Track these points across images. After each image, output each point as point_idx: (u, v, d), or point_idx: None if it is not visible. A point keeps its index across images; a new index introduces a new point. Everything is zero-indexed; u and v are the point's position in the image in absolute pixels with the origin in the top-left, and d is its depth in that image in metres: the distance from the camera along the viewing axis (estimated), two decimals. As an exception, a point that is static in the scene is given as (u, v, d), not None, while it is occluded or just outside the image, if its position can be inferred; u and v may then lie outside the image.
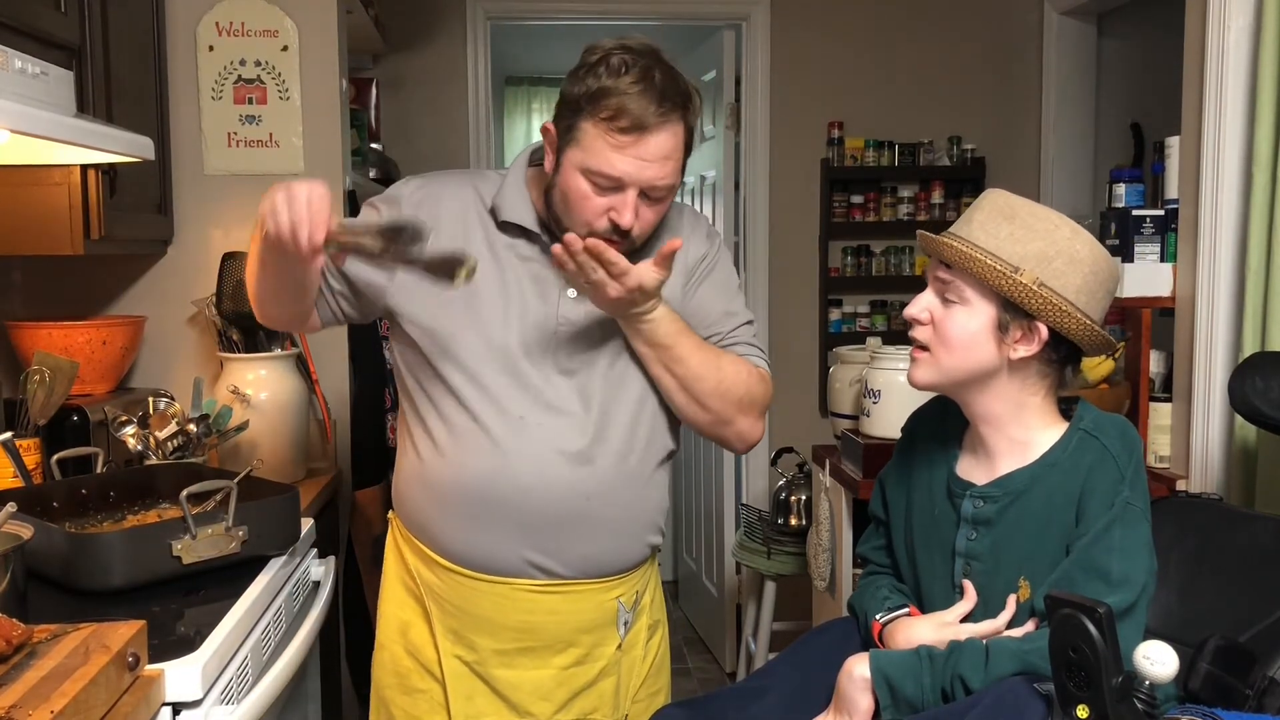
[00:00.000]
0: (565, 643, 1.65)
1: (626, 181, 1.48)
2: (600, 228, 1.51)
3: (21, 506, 1.51)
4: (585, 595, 1.64)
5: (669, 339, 1.55)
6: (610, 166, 1.47)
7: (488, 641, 1.64)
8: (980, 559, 1.48)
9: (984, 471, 1.51)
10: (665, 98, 1.47)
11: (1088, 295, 1.42)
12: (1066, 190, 3.93)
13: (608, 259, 1.44)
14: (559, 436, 1.57)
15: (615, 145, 1.47)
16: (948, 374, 1.47)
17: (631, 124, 1.45)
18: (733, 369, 1.61)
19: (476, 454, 1.57)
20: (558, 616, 1.63)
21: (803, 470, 3.29)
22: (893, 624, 1.52)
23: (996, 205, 1.45)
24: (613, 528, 1.62)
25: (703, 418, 1.62)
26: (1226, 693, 1.36)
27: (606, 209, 1.50)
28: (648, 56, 1.49)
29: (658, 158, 1.48)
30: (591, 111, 1.47)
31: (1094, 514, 1.40)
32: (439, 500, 1.62)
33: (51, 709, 1.10)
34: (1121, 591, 1.35)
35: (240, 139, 2.58)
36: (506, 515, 1.58)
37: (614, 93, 1.45)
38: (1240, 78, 2.10)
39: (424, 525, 1.66)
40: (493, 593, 1.62)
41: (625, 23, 4.29)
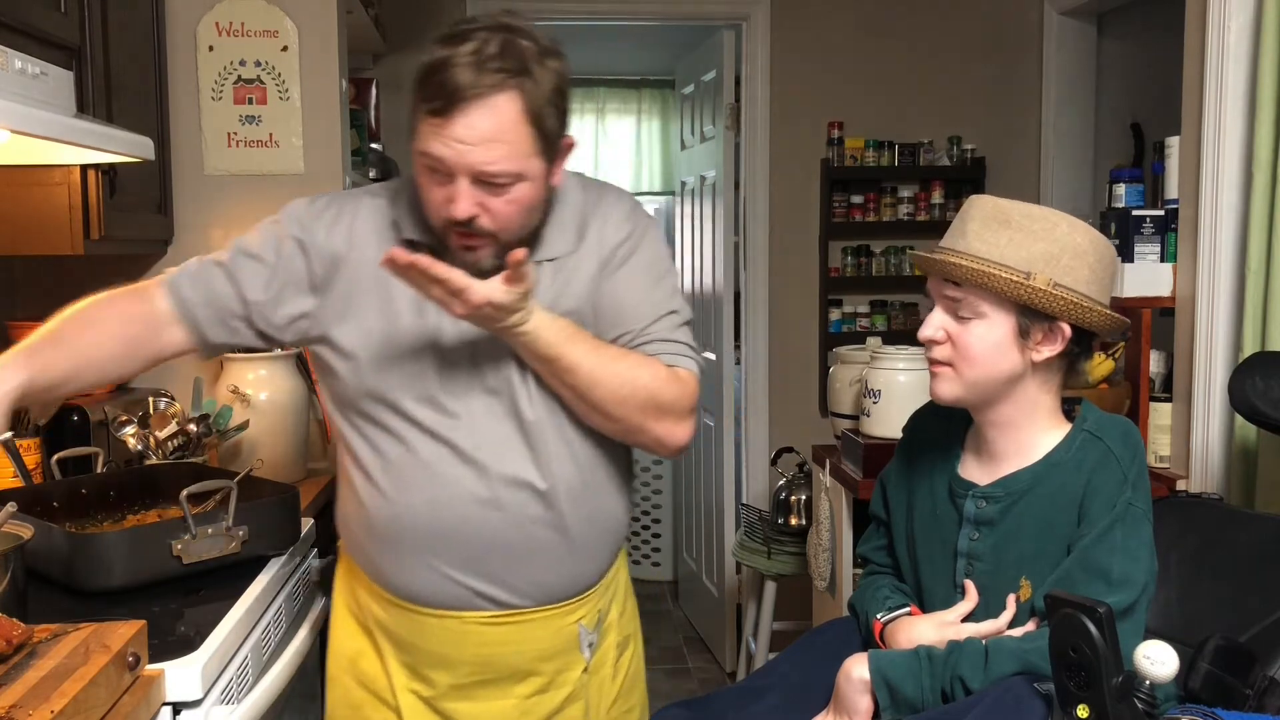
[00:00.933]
0: (525, 672, 1.55)
1: (450, 168, 1.34)
2: (444, 218, 1.38)
3: (21, 506, 1.51)
4: (542, 622, 1.53)
5: (552, 349, 1.40)
6: (432, 151, 1.34)
7: (444, 676, 1.54)
8: (982, 559, 1.48)
9: (986, 472, 1.51)
10: (485, 70, 1.31)
11: (1097, 284, 1.43)
12: (1066, 190, 3.93)
13: (435, 275, 1.29)
14: (495, 460, 1.46)
15: (433, 127, 1.33)
16: (974, 387, 1.45)
17: (443, 103, 1.31)
18: (632, 373, 1.44)
19: (411, 487, 1.47)
20: (514, 647, 1.53)
21: (803, 470, 3.29)
22: (894, 624, 1.51)
23: (988, 212, 1.43)
24: (564, 550, 1.51)
25: (609, 427, 1.48)
26: (1227, 693, 1.36)
27: (446, 200, 1.37)
28: (492, 29, 1.35)
29: (475, 140, 1.32)
30: (418, 91, 1.35)
31: (1096, 514, 1.40)
32: (379, 536, 1.52)
33: (51, 709, 1.10)
34: (1122, 592, 1.35)
35: (240, 139, 2.58)
36: (448, 548, 1.48)
37: (438, 68, 1.32)
38: (1240, 78, 2.10)
39: (367, 560, 1.57)
40: (443, 628, 1.52)
41: (625, 23, 4.30)
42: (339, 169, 2.64)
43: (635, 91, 5.42)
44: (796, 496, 3.25)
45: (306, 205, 1.54)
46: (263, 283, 1.51)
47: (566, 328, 1.42)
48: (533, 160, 1.38)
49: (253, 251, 1.53)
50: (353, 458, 1.53)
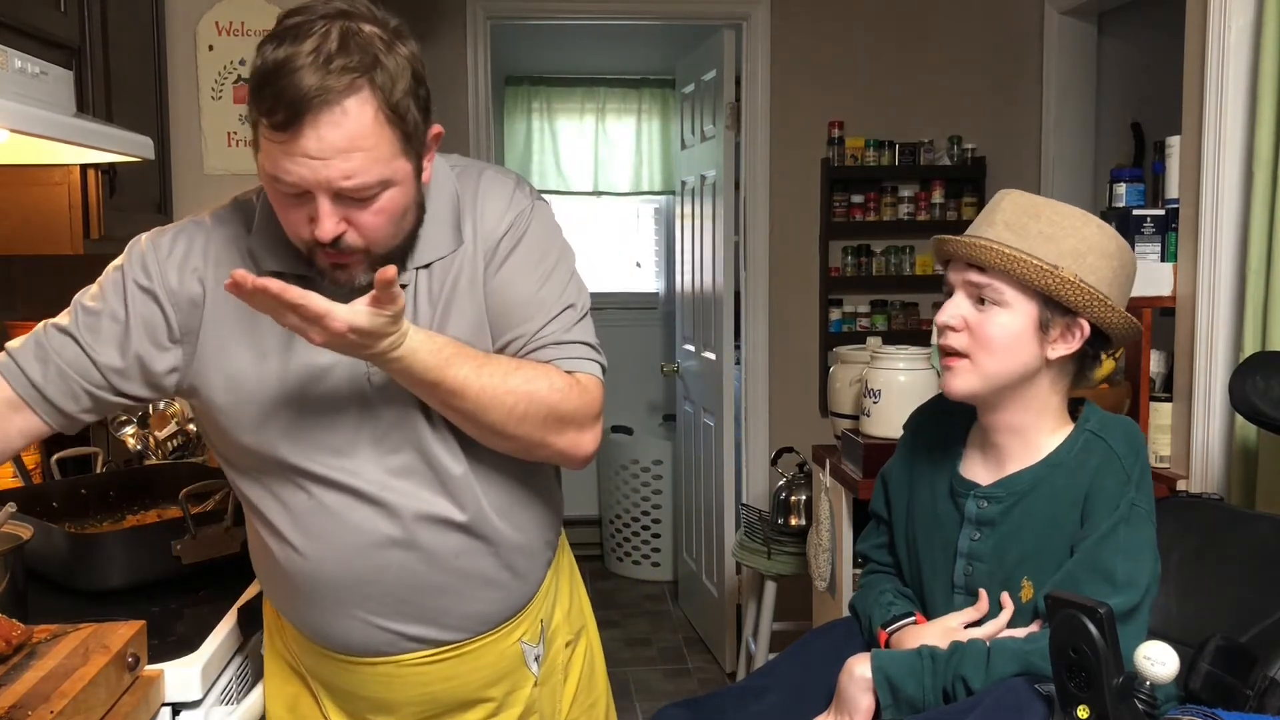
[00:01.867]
0: (473, 701, 1.45)
1: (306, 187, 1.17)
2: (309, 240, 1.21)
3: (21, 506, 1.51)
4: (481, 651, 1.43)
5: (433, 374, 1.24)
6: (283, 171, 1.16)
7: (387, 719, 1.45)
8: (983, 559, 1.48)
9: (989, 471, 1.51)
10: (328, 71, 1.13)
11: (1119, 287, 1.44)
12: (1066, 190, 3.93)
13: (289, 301, 1.11)
14: (404, 498, 1.33)
15: (279, 145, 1.15)
16: (990, 380, 1.44)
17: (285, 116, 1.13)
18: (528, 387, 1.29)
19: (320, 538, 1.34)
20: (457, 680, 1.43)
21: (803, 470, 3.29)
22: (899, 634, 1.51)
23: (1019, 205, 1.44)
24: (494, 575, 1.40)
25: (506, 446, 1.33)
26: (1227, 693, 1.36)
27: (308, 220, 1.20)
28: (332, 17, 1.17)
29: (332, 152, 1.14)
30: (255, 103, 1.16)
31: (1100, 515, 1.40)
32: (296, 590, 1.38)
33: (51, 709, 1.10)
34: (1126, 593, 1.35)
35: (240, 139, 2.58)
36: (370, 596, 1.35)
37: (272, 75, 1.13)
38: (1240, 78, 2.10)
39: (291, 611, 1.44)
40: (379, 674, 1.40)
41: (625, 22, 4.30)
42: (339, 169, 2.63)
43: (635, 91, 5.42)
44: (796, 496, 3.24)
45: (150, 246, 1.34)
46: (116, 344, 1.31)
47: (446, 347, 1.25)
48: (397, 162, 1.20)
49: (97, 309, 1.33)
50: (255, 512, 1.38)
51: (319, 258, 1.24)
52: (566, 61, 5.26)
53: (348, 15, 1.18)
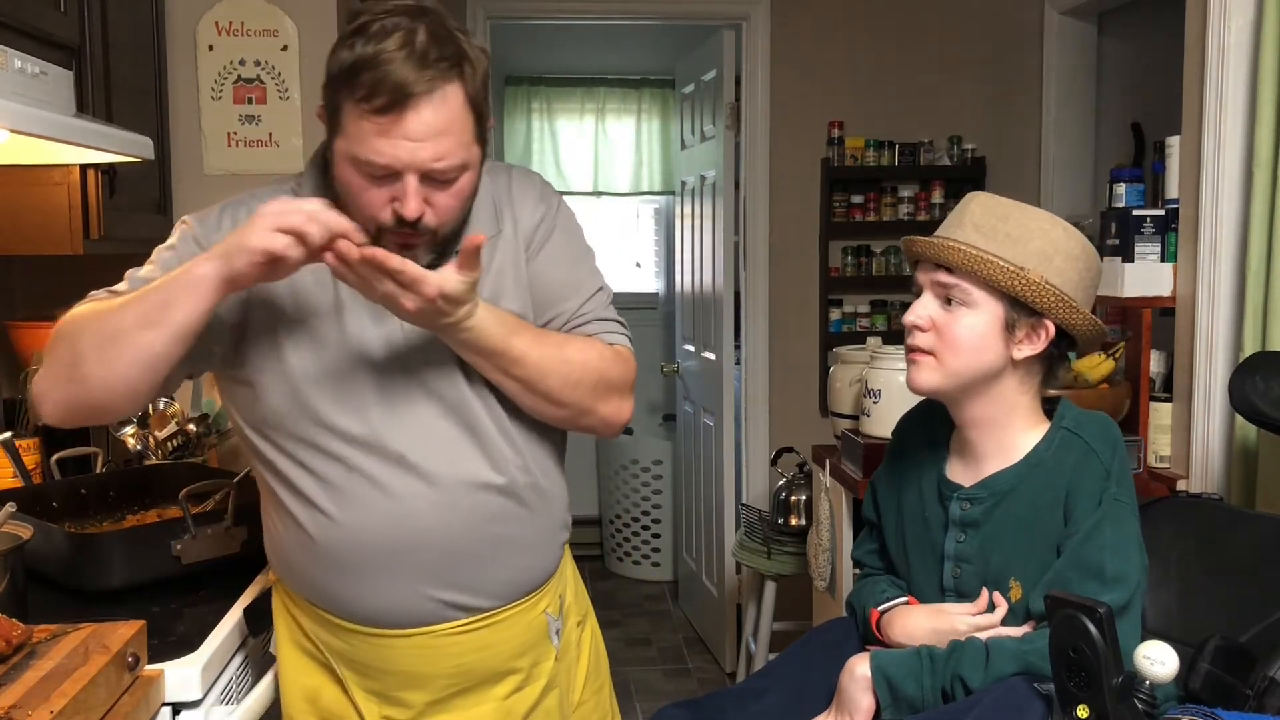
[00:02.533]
0: (502, 672, 1.48)
1: (398, 168, 1.26)
2: (385, 221, 1.29)
3: (21, 506, 1.51)
4: (513, 620, 1.47)
5: (498, 343, 1.33)
6: (377, 153, 1.25)
7: (418, 695, 1.46)
8: (969, 561, 1.49)
9: (970, 473, 1.52)
10: (428, 62, 1.24)
11: (1084, 290, 1.45)
12: (1066, 190, 3.93)
13: (391, 267, 1.21)
14: (445, 464, 1.38)
15: (377, 128, 1.24)
16: (953, 376, 1.46)
17: (390, 100, 1.23)
18: (581, 356, 1.41)
19: (362, 507, 1.37)
20: (490, 650, 1.46)
21: (803, 470, 3.29)
22: (891, 613, 1.52)
23: (987, 208, 1.46)
24: (526, 543, 1.46)
25: (558, 414, 1.43)
26: (1227, 693, 1.36)
27: (388, 200, 1.28)
28: (413, 16, 1.27)
29: (430, 135, 1.25)
30: (348, 90, 1.25)
31: (1082, 512, 1.41)
32: (332, 564, 1.40)
33: (51, 709, 1.10)
34: (1117, 589, 1.36)
35: (240, 139, 2.58)
36: (413, 563, 1.39)
37: (369, 65, 1.23)
38: (1240, 78, 2.10)
39: (317, 590, 1.45)
40: (414, 646, 1.43)
41: (625, 22, 4.30)
42: (339, 169, 2.63)
43: (635, 91, 5.42)
44: (796, 496, 3.25)
45: (199, 222, 1.42)
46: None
47: (508, 318, 1.35)
48: (474, 148, 1.32)
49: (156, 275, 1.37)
50: (287, 485, 1.40)
51: (386, 239, 1.30)
52: (566, 61, 5.26)
53: (427, 13, 1.28)
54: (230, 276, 1.23)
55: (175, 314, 1.24)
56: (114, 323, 1.27)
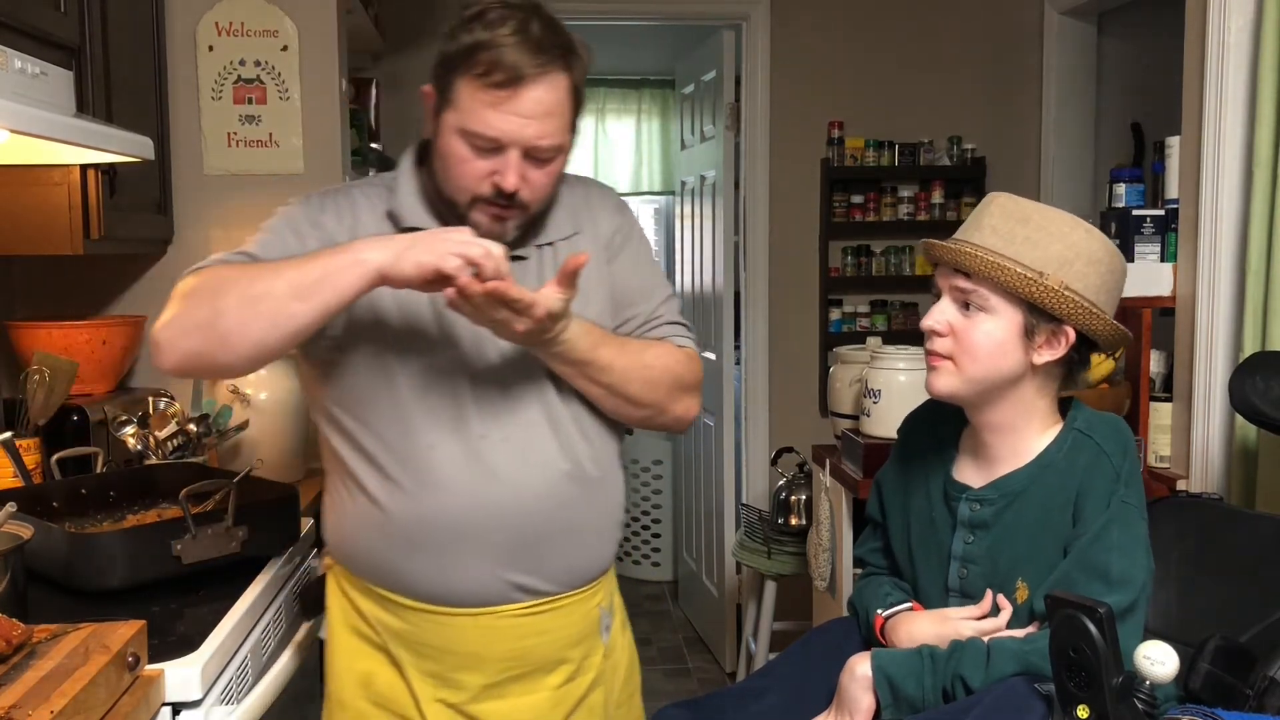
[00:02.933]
0: (556, 661, 1.54)
1: (505, 141, 1.37)
2: (483, 192, 1.40)
3: (21, 506, 1.51)
4: (571, 608, 1.54)
5: (588, 353, 1.43)
6: (486, 125, 1.36)
7: (475, 678, 1.51)
8: (977, 562, 1.48)
9: (981, 474, 1.51)
10: (542, 49, 1.36)
11: (1106, 293, 1.43)
12: (1066, 190, 3.93)
13: (511, 298, 1.29)
14: (525, 449, 1.46)
15: (490, 101, 1.35)
16: (972, 382, 1.44)
17: (506, 77, 1.34)
18: (659, 361, 1.52)
19: (442, 485, 1.44)
20: (547, 636, 1.53)
21: (803, 470, 3.29)
22: (895, 619, 1.51)
23: (1007, 209, 1.43)
24: (589, 532, 1.54)
25: (636, 414, 1.53)
26: (1227, 693, 1.36)
27: (489, 172, 1.39)
28: (526, 9, 1.39)
29: (537, 114, 1.37)
30: (466, 68, 1.36)
31: (1091, 514, 1.40)
32: (403, 541, 1.46)
33: (51, 709, 1.10)
34: (1121, 591, 1.35)
35: (240, 139, 2.58)
36: (485, 542, 1.45)
37: (488, 46, 1.34)
38: (1240, 78, 2.10)
39: (384, 569, 1.50)
40: (476, 626, 1.49)
41: (625, 23, 4.29)
42: (339, 169, 2.64)
43: (635, 91, 5.42)
44: (796, 496, 3.25)
45: (304, 203, 1.51)
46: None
47: (594, 329, 1.45)
48: (568, 135, 1.44)
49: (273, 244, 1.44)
50: (369, 462, 1.47)
51: (478, 211, 1.41)
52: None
53: (538, 7, 1.40)
54: (391, 273, 1.29)
55: (328, 290, 1.30)
56: (263, 286, 1.32)
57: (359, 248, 1.32)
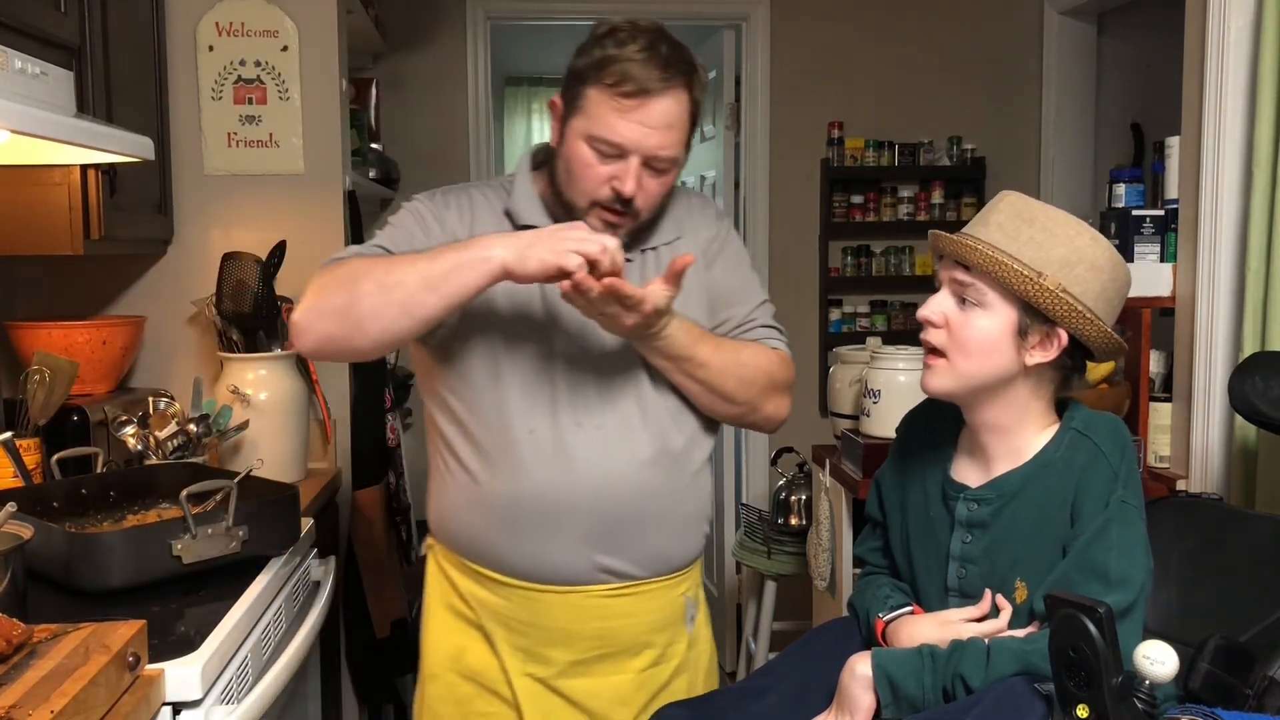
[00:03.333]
0: (641, 644, 1.63)
1: (629, 148, 1.48)
2: (602, 197, 1.51)
3: (21, 506, 1.51)
4: (657, 594, 1.63)
5: (687, 349, 1.53)
6: (614, 132, 1.47)
7: (563, 653, 1.60)
8: (975, 562, 1.48)
9: (978, 474, 1.51)
10: (669, 65, 1.47)
11: (1105, 302, 1.43)
12: (1066, 190, 3.93)
13: (625, 294, 1.40)
14: (619, 436, 1.56)
15: (619, 109, 1.47)
16: (965, 381, 1.44)
17: (636, 88, 1.46)
18: (753, 360, 1.61)
19: (539, 465, 1.54)
20: (633, 619, 1.61)
21: (803, 470, 3.29)
22: (896, 623, 1.51)
23: (1015, 208, 1.43)
24: (677, 521, 1.62)
25: (731, 411, 1.63)
26: (1226, 693, 1.36)
27: (609, 177, 1.50)
28: (654, 31, 1.51)
29: (661, 125, 1.48)
30: (596, 78, 1.48)
31: (1089, 514, 1.40)
32: (501, 518, 1.57)
33: (51, 709, 1.10)
34: (1120, 591, 1.35)
35: (240, 139, 2.58)
36: (576, 523, 1.55)
37: (619, 59, 1.46)
38: (1240, 78, 2.10)
39: (482, 546, 1.60)
40: (566, 604, 1.58)
41: (625, 23, 4.29)
42: (339, 169, 2.64)
43: (635, 91, 5.43)
44: (796, 496, 3.24)
45: (428, 199, 1.61)
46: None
47: (693, 328, 1.54)
48: (684, 151, 1.54)
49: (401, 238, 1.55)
50: (472, 441, 1.57)
51: (594, 215, 1.51)
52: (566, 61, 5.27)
53: (664, 30, 1.52)
54: (514, 270, 1.38)
55: (455, 283, 1.40)
56: (397, 276, 1.42)
57: (485, 244, 1.41)
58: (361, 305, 1.42)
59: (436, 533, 1.69)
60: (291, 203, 2.59)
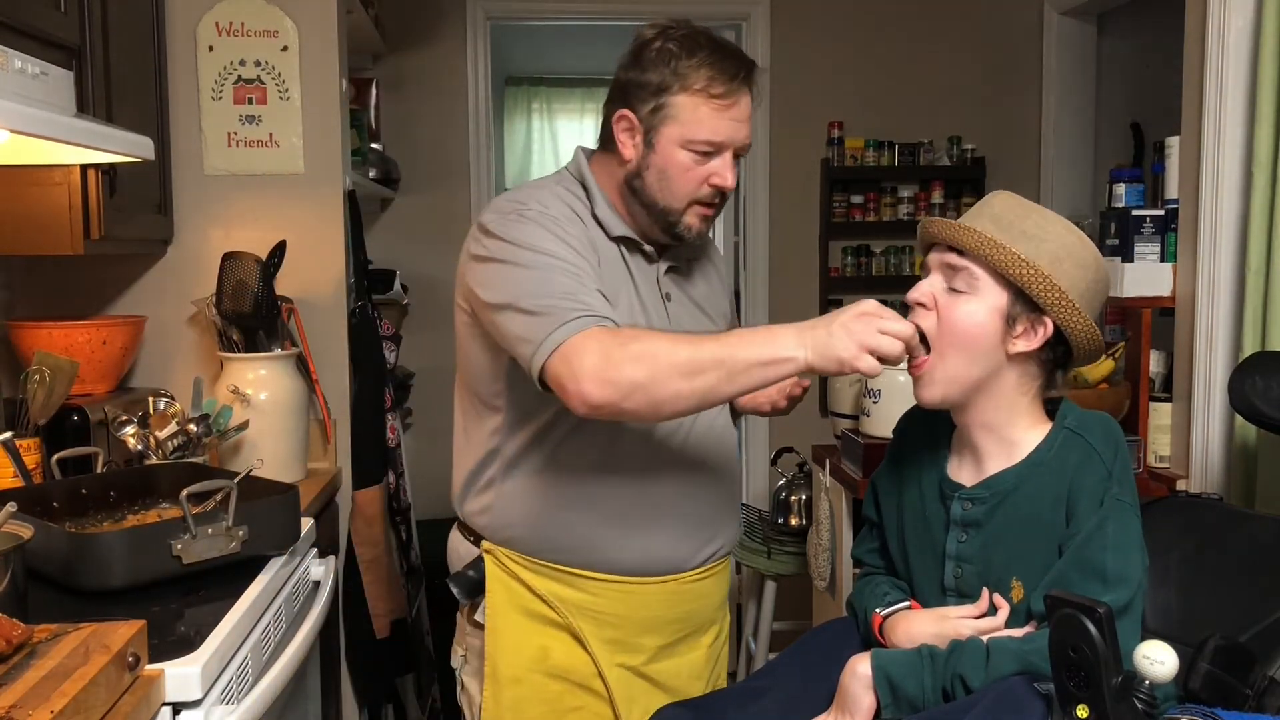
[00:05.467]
0: (710, 621, 1.76)
1: (727, 144, 1.58)
2: (702, 196, 1.59)
3: (21, 506, 1.51)
4: (719, 574, 1.75)
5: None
6: (715, 132, 1.56)
7: (653, 639, 1.68)
8: (971, 561, 1.48)
9: (972, 473, 1.51)
10: (742, 63, 1.59)
11: (1089, 301, 1.44)
12: (1066, 190, 3.93)
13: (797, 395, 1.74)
14: (707, 429, 1.66)
15: (715, 110, 1.56)
16: (955, 383, 1.45)
17: (726, 89, 1.56)
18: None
19: (645, 462, 1.61)
20: (708, 598, 1.73)
21: (803, 470, 3.29)
22: (893, 618, 1.52)
23: (1008, 205, 1.46)
24: (733, 507, 1.77)
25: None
26: (1226, 693, 1.36)
27: (707, 176, 1.58)
28: (695, 30, 1.61)
29: (746, 118, 1.60)
30: (683, 85, 1.55)
31: (1084, 513, 1.40)
32: (604, 517, 1.62)
33: (51, 709, 1.10)
34: (1118, 589, 1.35)
35: (240, 139, 2.58)
36: (675, 515, 1.64)
37: (703, 64, 1.55)
38: (1240, 78, 2.10)
39: (577, 547, 1.63)
40: (662, 592, 1.66)
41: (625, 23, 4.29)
42: (339, 169, 2.64)
43: (635, 91, 5.43)
44: (796, 496, 3.24)
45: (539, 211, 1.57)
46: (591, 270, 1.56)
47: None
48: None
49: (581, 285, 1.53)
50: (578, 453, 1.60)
51: (692, 213, 1.60)
52: (566, 61, 5.27)
53: (701, 28, 1.62)
54: (815, 367, 1.41)
55: (756, 380, 1.42)
56: (698, 364, 1.41)
57: (782, 340, 1.40)
58: (663, 388, 1.41)
59: (507, 540, 1.68)
60: (291, 203, 2.59)
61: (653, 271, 1.67)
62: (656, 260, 1.67)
